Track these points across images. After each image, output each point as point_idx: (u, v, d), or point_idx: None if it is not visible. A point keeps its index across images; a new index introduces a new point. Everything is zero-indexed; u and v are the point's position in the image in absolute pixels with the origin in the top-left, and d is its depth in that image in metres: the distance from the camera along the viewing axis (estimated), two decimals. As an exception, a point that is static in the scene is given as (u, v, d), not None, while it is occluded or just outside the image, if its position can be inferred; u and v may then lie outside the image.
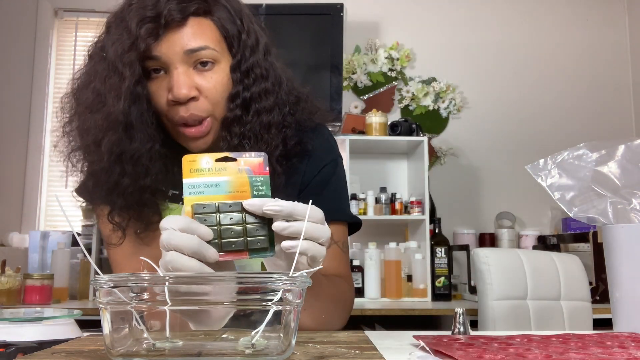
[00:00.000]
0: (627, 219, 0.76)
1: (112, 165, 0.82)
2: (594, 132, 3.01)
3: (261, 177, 0.64)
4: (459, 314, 0.72)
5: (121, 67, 0.80)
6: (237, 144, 0.85)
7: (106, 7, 0.91)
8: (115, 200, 0.85)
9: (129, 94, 0.80)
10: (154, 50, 0.81)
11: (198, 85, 0.83)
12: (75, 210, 2.69)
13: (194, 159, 0.63)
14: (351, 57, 2.99)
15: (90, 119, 0.82)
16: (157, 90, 0.84)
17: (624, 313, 0.76)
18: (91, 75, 0.85)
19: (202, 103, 0.83)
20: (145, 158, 0.83)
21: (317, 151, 0.96)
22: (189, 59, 0.82)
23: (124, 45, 0.80)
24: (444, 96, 3.02)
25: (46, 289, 2.16)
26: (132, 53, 0.80)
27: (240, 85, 0.86)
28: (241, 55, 0.86)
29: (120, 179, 0.83)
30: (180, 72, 0.82)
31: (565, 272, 1.75)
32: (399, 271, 2.44)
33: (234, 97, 0.85)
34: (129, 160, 0.82)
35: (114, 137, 0.81)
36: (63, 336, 0.72)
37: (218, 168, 0.63)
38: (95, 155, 0.82)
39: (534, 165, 0.83)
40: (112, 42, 0.82)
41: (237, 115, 0.85)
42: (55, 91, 3.01)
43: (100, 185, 0.85)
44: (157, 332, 0.54)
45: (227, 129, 0.86)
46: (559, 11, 3.14)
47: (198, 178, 0.63)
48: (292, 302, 0.53)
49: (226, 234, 0.61)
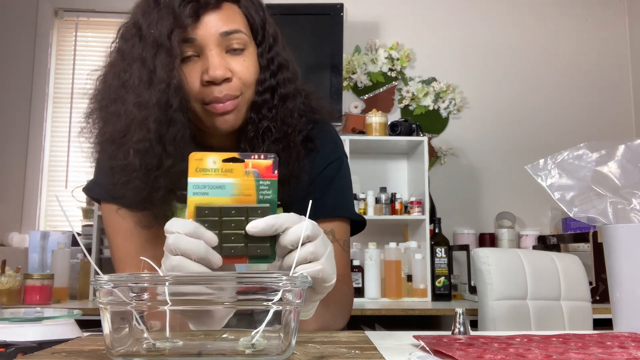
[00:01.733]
0: (627, 219, 0.76)
1: (156, 145, 0.81)
2: (594, 132, 3.01)
3: (268, 181, 0.62)
4: (459, 314, 0.72)
5: (169, 44, 0.80)
6: (265, 127, 0.87)
7: (106, 7, 0.91)
8: (155, 184, 0.83)
9: (178, 72, 0.81)
10: (190, 33, 0.83)
11: (232, 68, 0.85)
12: (75, 210, 2.70)
13: (201, 158, 0.62)
14: (351, 57, 2.99)
15: (140, 95, 0.81)
16: (190, 73, 0.84)
17: (624, 313, 0.76)
18: (132, 54, 0.83)
19: (234, 84, 0.85)
20: (186, 141, 0.83)
21: (324, 148, 0.98)
22: (223, 41, 0.84)
23: (168, 23, 0.81)
24: (444, 96, 3.02)
25: (46, 289, 2.16)
26: (178, 30, 0.81)
27: (267, 71, 0.89)
28: (266, 44, 0.90)
29: (165, 160, 0.82)
30: (215, 53, 0.83)
31: (565, 272, 1.75)
32: (399, 271, 2.44)
33: (262, 82, 0.88)
34: (171, 142, 0.82)
35: (162, 116, 0.80)
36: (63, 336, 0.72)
37: (225, 169, 0.62)
38: (142, 133, 0.80)
39: (534, 165, 0.83)
40: (155, 21, 0.82)
41: (265, 98, 0.88)
42: (56, 91, 3.01)
43: (142, 168, 0.82)
44: (157, 332, 0.54)
45: (256, 112, 0.88)
46: (559, 11, 3.14)
47: (203, 178, 0.61)
48: (292, 302, 0.53)
49: (227, 239, 0.60)
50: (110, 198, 0.92)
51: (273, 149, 0.87)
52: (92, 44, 3.03)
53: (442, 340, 0.62)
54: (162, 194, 0.84)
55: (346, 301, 0.94)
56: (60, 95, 3.01)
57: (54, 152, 2.96)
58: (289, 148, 0.89)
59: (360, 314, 2.12)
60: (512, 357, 0.52)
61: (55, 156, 2.96)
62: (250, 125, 0.88)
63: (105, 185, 0.92)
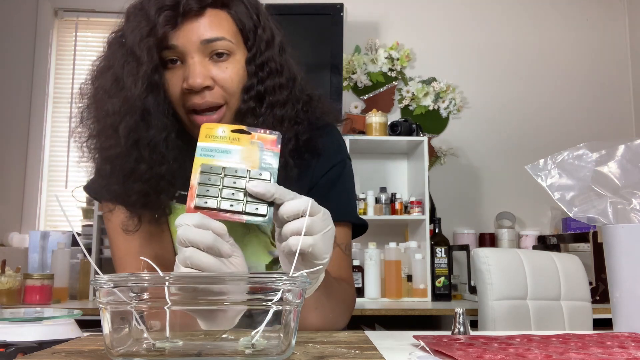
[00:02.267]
0: (627, 219, 0.76)
1: (129, 150, 0.82)
2: (594, 132, 3.01)
3: (271, 152, 0.66)
4: (459, 314, 0.72)
5: (139, 52, 0.81)
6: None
7: (106, 7, 0.92)
8: (129, 189, 0.84)
9: (146, 79, 0.81)
10: (171, 39, 0.83)
11: (213, 76, 0.84)
12: (75, 210, 2.70)
13: (211, 127, 0.66)
14: (351, 57, 2.99)
15: (108, 103, 0.82)
16: (172, 79, 0.85)
17: (624, 313, 0.76)
18: (110, 61, 0.85)
19: (217, 92, 0.85)
20: (162, 145, 0.83)
21: (327, 151, 0.96)
22: (205, 49, 0.84)
23: (143, 31, 0.81)
24: (444, 96, 3.02)
25: (46, 289, 2.16)
26: (150, 39, 0.81)
27: (254, 77, 0.87)
28: (256, 49, 0.88)
29: (137, 165, 0.82)
30: (196, 61, 0.83)
31: (565, 272, 1.75)
32: (399, 271, 2.44)
33: (248, 89, 0.87)
34: (146, 146, 0.82)
35: (131, 122, 0.81)
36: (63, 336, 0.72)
37: (232, 137, 0.66)
38: (113, 140, 0.82)
39: (534, 165, 0.83)
40: (131, 29, 0.83)
41: (250, 107, 0.86)
42: (56, 91, 3.01)
43: (115, 173, 0.84)
44: (157, 332, 0.54)
45: (241, 120, 0.87)
46: (559, 11, 3.14)
47: (211, 143, 0.65)
48: (292, 302, 0.53)
49: (227, 194, 0.63)
50: (110, 197, 0.92)
51: None
52: (92, 44, 3.03)
53: (442, 341, 0.62)
54: (153, 195, 0.85)
55: (348, 299, 0.94)
56: (60, 95, 3.01)
57: (54, 152, 2.96)
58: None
59: (360, 314, 2.12)
60: (512, 357, 0.52)
61: (55, 156, 2.96)
62: None
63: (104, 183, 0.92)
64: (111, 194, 0.89)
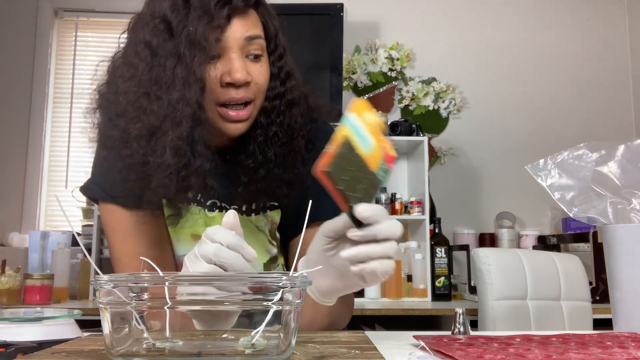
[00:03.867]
0: (627, 219, 0.76)
1: (185, 144, 0.80)
2: (594, 132, 3.01)
3: (386, 167, 0.69)
4: (459, 314, 0.72)
5: (203, 41, 0.80)
6: (274, 132, 0.90)
7: (106, 7, 0.92)
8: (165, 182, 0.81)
9: (212, 66, 0.83)
10: (220, 33, 0.84)
11: (250, 72, 0.87)
12: (75, 210, 2.70)
13: (362, 106, 0.68)
14: (351, 57, 2.99)
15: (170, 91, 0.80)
16: (210, 73, 0.84)
17: (624, 313, 0.76)
18: (161, 49, 0.82)
19: (252, 88, 0.87)
20: (203, 141, 0.82)
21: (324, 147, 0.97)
22: (246, 46, 0.86)
23: (205, 23, 0.81)
24: (444, 96, 3.02)
25: (46, 289, 2.16)
26: (215, 31, 0.82)
27: (277, 79, 0.92)
28: (278, 53, 0.93)
29: (190, 159, 0.81)
30: (237, 57, 0.85)
31: (565, 272, 1.75)
32: (399, 271, 2.44)
33: (272, 89, 0.91)
34: (199, 141, 0.81)
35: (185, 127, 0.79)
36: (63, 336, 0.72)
37: (373, 130, 0.68)
38: (176, 131, 0.79)
39: (534, 165, 0.83)
40: (190, 19, 0.81)
41: (275, 105, 0.91)
42: (56, 91, 3.01)
43: (134, 170, 0.82)
44: (157, 332, 0.54)
45: (266, 117, 0.90)
46: (559, 11, 3.14)
47: (360, 123, 0.67)
48: (292, 302, 0.53)
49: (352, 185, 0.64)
50: (109, 197, 0.92)
51: (280, 153, 0.90)
52: (92, 44, 3.02)
53: (442, 341, 0.62)
54: (182, 193, 0.84)
55: (349, 299, 0.95)
56: (60, 95, 3.01)
57: (54, 152, 2.96)
58: (295, 152, 0.91)
59: (360, 314, 2.12)
60: (512, 357, 0.52)
61: (55, 156, 2.96)
62: (260, 129, 0.90)
63: (103, 184, 0.92)
64: (122, 190, 0.87)
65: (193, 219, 0.94)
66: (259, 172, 0.89)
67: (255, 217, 0.96)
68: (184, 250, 0.94)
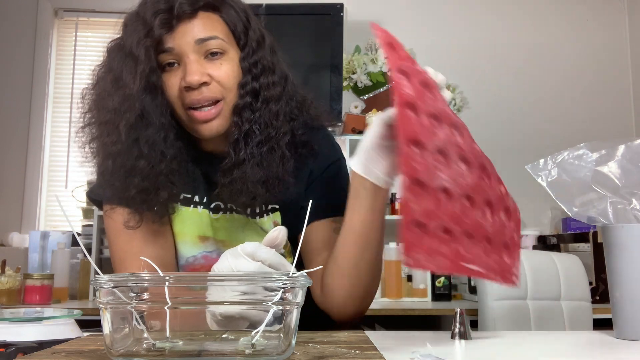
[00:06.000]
0: (627, 219, 0.76)
1: (129, 147, 0.85)
2: (594, 132, 3.01)
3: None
4: (459, 314, 0.72)
5: (137, 53, 0.85)
6: (247, 129, 0.89)
7: (106, 7, 0.95)
8: (129, 185, 0.87)
9: (145, 77, 0.85)
10: (167, 42, 0.87)
11: (209, 72, 0.88)
12: (75, 210, 2.70)
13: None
14: (351, 57, 2.99)
15: (109, 101, 0.86)
16: (170, 80, 0.89)
17: (624, 313, 0.76)
18: (110, 65, 0.90)
19: (214, 87, 0.88)
20: (160, 144, 0.87)
21: (324, 151, 1.00)
22: (200, 48, 0.88)
23: (140, 34, 0.86)
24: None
25: (46, 289, 2.16)
26: (148, 40, 0.85)
27: (249, 74, 0.91)
28: (249, 48, 0.92)
29: (137, 161, 0.85)
30: (192, 60, 0.87)
31: (565, 272, 1.75)
32: (399, 271, 2.44)
33: (244, 85, 0.90)
34: (145, 143, 0.86)
35: (131, 119, 0.84)
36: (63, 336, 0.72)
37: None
38: (114, 136, 0.86)
39: (534, 165, 0.83)
40: (129, 34, 0.87)
41: (247, 102, 0.90)
42: (56, 91, 3.01)
43: (116, 170, 0.87)
44: (157, 332, 0.54)
45: (239, 114, 0.90)
46: (559, 11, 3.14)
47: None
48: (292, 302, 0.53)
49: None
50: (112, 196, 0.92)
51: (257, 152, 0.89)
52: (92, 44, 3.02)
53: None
54: (152, 192, 0.87)
55: (377, 270, 0.93)
56: (60, 95, 3.01)
57: (54, 152, 2.96)
58: (273, 150, 0.90)
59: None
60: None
61: (55, 156, 2.96)
62: (234, 127, 0.90)
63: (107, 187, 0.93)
64: (113, 192, 0.91)
65: (200, 220, 0.96)
66: (233, 172, 0.88)
67: (259, 220, 0.97)
68: (190, 252, 0.96)
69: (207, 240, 0.96)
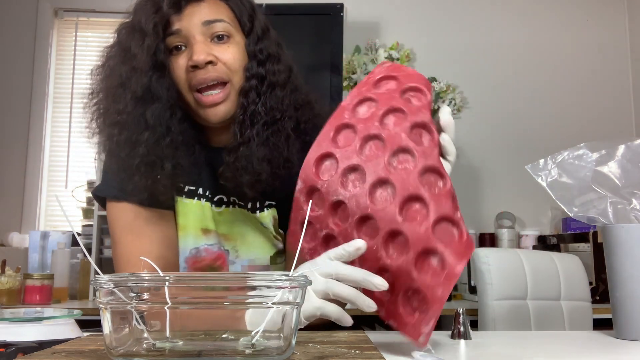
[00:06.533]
0: (627, 219, 0.76)
1: (137, 119, 0.86)
2: (594, 132, 3.01)
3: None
4: (459, 314, 0.72)
5: (145, 27, 0.87)
6: (253, 110, 0.90)
7: (106, 7, 0.96)
8: (136, 157, 0.87)
9: (152, 50, 0.86)
10: (175, 24, 0.89)
11: (215, 54, 0.89)
12: (75, 210, 2.70)
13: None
14: (351, 57, 2.99)
15: (117, 73, 0.87)
16: (177, 62, 0.90)
17: (624, 313, 0.76)
18: (118, 41, 0.91)
19: (220, 67, 0.89)
20: (167, 118, 0.88)
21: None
22: (207, 30, 0.90)
23: (149, 12, 0.87)
24: (444, 96, 3.02)
25: (46, 289, 2.16)
26: (156, 16, 0.87)
27: (254, 60, 0.93)
28: (254, 35, 0.94)
29: (143, 134, 0.86)
30: (198, 40, 0.89)
31: (565, 272, 1.75)
32: (399, 271, 2.43)
33: (249, 69, 0.92)
34: (151, 116, 0.87)
35: (139, 92, 0.86)
36: (63, 336, 0.72)
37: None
38: (120, 108, 0.86)
39: (534, 165, 0.83)
40: (138, 13, 0.89)
41: (253, 84, 0.91)
42: (56, 91, 3.01)
43: (123, 145, 0.87)
44: (157, 332, 0.54)
45: (245, 96, 0.91)
46: (559, 11, 3.14)
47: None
48: (292, 302, 0.53)
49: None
50: (122, 195, 0.93)
51: (262, 132, 0.90)
52: (92, 44, 3.02)
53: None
54: (161, 169, 0.87)
55: None
56: (60, 95, 3.01)
57: (54, 152, 2.96)
58: (279, 132, 0.91)
59: (360, 313, 2.10)
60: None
61: (55, 156, 2.96)
62: (240, 109, 0.91)
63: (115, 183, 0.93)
64: (119, 181, 0.91)
65: (203, 213, 0.96)
66: (239, 151, 0.89)
67: (260, 214, 0.97)
68: (193, 243, 0.97)
69: (209, 232, 0.97)
